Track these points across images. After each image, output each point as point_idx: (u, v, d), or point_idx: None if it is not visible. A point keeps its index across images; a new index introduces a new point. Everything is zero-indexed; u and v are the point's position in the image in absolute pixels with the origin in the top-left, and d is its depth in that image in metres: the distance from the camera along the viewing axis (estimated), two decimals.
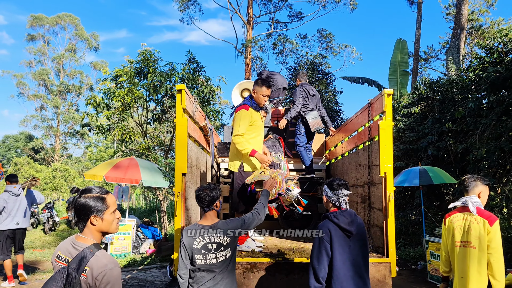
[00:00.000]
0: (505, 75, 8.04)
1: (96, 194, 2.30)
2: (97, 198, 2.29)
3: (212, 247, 3.15)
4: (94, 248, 2.22)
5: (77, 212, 2.28)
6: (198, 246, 3.14)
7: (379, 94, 4.52)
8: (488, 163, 8.86)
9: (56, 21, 40.39)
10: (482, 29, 23.29)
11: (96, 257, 2.18)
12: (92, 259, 2.16)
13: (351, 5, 25.62)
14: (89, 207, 2.26)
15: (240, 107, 4.66)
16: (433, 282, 7.81)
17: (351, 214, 3.27)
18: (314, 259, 3.17)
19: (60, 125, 39.39)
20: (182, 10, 26.98)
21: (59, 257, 2.26)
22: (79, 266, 2.13)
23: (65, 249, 2.27)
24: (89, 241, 2.25)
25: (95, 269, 2.13)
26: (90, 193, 2.30)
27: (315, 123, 6.70)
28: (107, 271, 2.14)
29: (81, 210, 2.26)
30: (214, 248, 3.15)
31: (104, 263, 2.17)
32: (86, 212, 2.26)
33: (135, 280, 8.05)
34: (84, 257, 2.16)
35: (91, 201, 2.27)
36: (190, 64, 11.59)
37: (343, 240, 3.16)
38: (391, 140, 4.24)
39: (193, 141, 5.01)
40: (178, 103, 4.37)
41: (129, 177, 9.33)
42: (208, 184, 3.37)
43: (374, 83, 19.16)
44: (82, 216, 2.27)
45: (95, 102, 10.88)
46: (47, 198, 20.82)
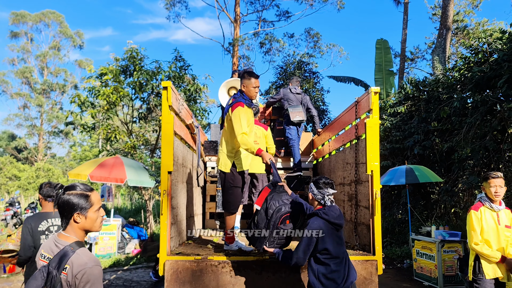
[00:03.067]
0: (489, 74, 8.13)
1: (80, 191, 2.25)
2: (81, 196, 2.24)
3: (53, 229, 4.02)
4: (76, 246, 2.17)
5: (60, 209, 2.22)
6: (43, 229, 3.99)
7: (366, 93, 4.52)
8: (473, 162, 8.95)
9: (40, 18, 39.75)
10: (467, 29, 23.59)
11: (77, 255, 2.14)
12: (72, 257, 2.11)
13: (338, 5, 25.69)
14: (73, 205, 2.21)
15: (236, 105, 4.39)
16: (419, 280, 7.86)
17: (337, 208, 3.46)
18: (301, 252, 3.37)
19: (44, 124, 38.78)
20: (169, 8, 26.77)
21: (42, 255, 2.22)
22: (60, 264, 2.09)
23: (48, 247, 2.22)
24: (71, 239, 2.21)
25: (75, 267, 2.09)
26: (74, 190, 2.24)
27: (296, 113, 6.94)
28: (87, 269, 2.10)
29: (65, 207, 2.21)
30: (55, 230, 3.97)
31: (85, 261, 2.12)
32: (69, 209, 2.21)
33: (120, 280, 7.94)
34: (64, 255, 2.11)
35: (75, 198, 2.22)
36: (177, 62, 11.50)
37: (334, 234, 3.37)
38: (377, 138, 4.24)
39: (179, 139, 4.95)
40: (164, 100, 4.31)
41: (114, 176, 9.21)
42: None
43: (360, 82, 19.26)
44: (65, 214, 2.22)
45: (80, 100, 10.71)
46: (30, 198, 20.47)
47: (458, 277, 7.11)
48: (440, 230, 7.58)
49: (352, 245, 4.80)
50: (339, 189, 5.67)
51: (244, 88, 4.51)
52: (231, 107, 4.40)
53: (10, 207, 14.36)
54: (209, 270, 4.06)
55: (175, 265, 4.06)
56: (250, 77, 4.47)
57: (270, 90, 19.51)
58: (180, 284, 4.03)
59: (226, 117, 4.49)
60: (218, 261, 4.07)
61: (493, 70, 8.07)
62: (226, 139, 4.54)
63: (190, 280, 4.03)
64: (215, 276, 4.05)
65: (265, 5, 26.09)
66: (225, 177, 4.53)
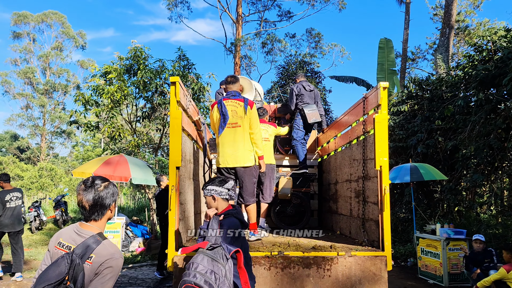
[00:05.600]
0: (494, 73, 8.12)
1: (111, 183, 2.34)
2: (113, 187, 2.33)
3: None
4: (100, 237, 2.23)
5: (98, 203, 2.25)
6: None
7: (374, 88, 4.52)
8: (476, 160, 8.95)
9: (42, 19, 39.75)
10: (469, 29, 23.59)
11: (103, 245, 2.19)
12: (99, 247, 2.17)
13: (339, 5, 25.67)
14: (111, 196, 2.31)
15: (252, 103, 4.81)
16: (424, 278, 7.86)
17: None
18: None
19: (46, 124, 38.81)
20: (171, 8, 26.76)
21: (60, 244, 2.24)
22: (85, 253, 2.13)
23: (68, 236, 2.26)
24: (95, 229, 2.27)
25: (102, 256, 2.15)
26: (105, 182, 2.31)
27: (312, 115, 6.78)
28: (114, 260, 2.17)
29: (104, 201, 2.27)
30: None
31: (111, 252, 2.20)
32: (109, 201, 2.29)
33: (125, 278, 7.95)
34: (90, 245, 2.16)
35: (111, 189, 2.31)
36: (180, 61, 11.51)
37: (243, 235, 3.37)
38: (386, 134, 4.23)
39: (187, 135, 4.95)
40: (172, 95, 4.31)
41: (118, 174, 9.20)
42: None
43: (362, 82, 19.26)
44: (104, 206, 2.28)
45: (84, 99, 10.72)
46: (33, 198, 20.50)
47: (464, 275, 7.11)
48: (445, 228, 7.58)
49: (360, 241, 4.80)
50: (346, 186, 5.67)
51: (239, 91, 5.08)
52: (250, 105, 4.71)
53: (32, 208, 14.35)
54: None
55: (183, 261, 4.07)
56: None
57: (272, 90, 19.54)
58: None
59: (244, 115, 4.72)
60: None
61: (498, 68, 8.07)
62: (245, 136, 4.75)
63: None
64: None
65: (267, 6, 26.09)
66: (249, 170, 4.78)
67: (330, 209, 6.62)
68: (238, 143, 4.71)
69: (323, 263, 4.07)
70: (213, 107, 4.89)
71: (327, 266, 4.07)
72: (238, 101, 4.78)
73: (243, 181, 4.81)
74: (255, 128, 4.78)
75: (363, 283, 4.04)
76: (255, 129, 4.78)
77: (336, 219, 6.24)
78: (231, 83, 4.93)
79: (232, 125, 4.73)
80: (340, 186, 5.99)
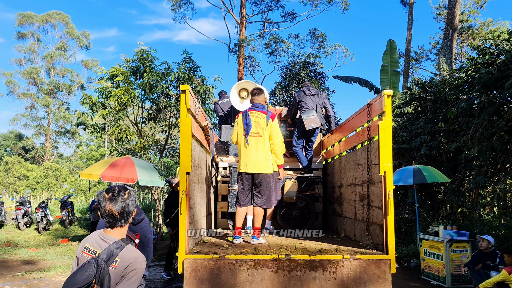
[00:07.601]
0: (497, 76, 8.21)
1: (131, 192, 2.49)
2: (134, 193, 2.51)
3: None
4: (124, 243, 2.38)
5: (124, 210, 2.41)
6: None
7: (378, 95, 4.63)
8: (479, 162, 9.04)
9: (46, 19, 40.00)
10: (472, 29, 23.63)
11: (127, 250, 2.34)
12: (123, 252, 2.31)
13: (343, 6, 25.78)
14: (135, 202, 2.49)
15: (274, 115, 5.29)
16: (427, 279, 7.96)
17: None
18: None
19: (51, 124, 39.06)
20: (175, 9, 26.93)
21: (86, 248, 2.39)
22: (110, 257, 2.27)
23: (94, 241, 2.41)
24: (118, 235, 2.41)
25: (126, 260, 2.29)
26: (127, 190, 2.47)
27: (310, 121, 6.74)
28: (138, 263, 2.32)
29: (130, 209, 2.44)
30: None
31: (135, 255, 2.34)
32: (132, 209, 2.46)
33: None
34: (114, 250, 2.31)
35: (134, 195, 2.49)
36: (186, 64, 11.62)
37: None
38: (390, 140, 4.35)
39: (195, 140, 5.08)
40: (183, 103, 4.43)
41: (125, 176, 9.32)
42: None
43: (366, 83, 19.34)
44: (129, 214, 2.45)
45: (91, 101, 10.86)
46: (40, 198, 20.68)
47: (467, 276, 7.21)
48: (448, 230, 7.68)
49: (364, 244, 4.92)
50: (350, 189, 5.79)
51: (264, 102, 5.48)
52: (271, 118, 5.21)
53: (21, 206, 14.54)
54: (226, 268, 4.18)
55: (194, 264, 4.19)
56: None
57: (275, 90, 19.63)
58: (199, 282, 4.16)
59: (265, 126, 5.19)
60: (235, 260, 4.20)
61: (501, 71, 8.15)
62: (266, 146, 5.24)
63: (208, 278, 4.16)
64: (233, 274, 4.17)
65: (270, 6, 26.23)
66: (270, 176, 5.29)
67: (335, 212, 6.74)
68: (259, 151, 5.17)
69: (329, 265, 4.19)
70: (238, 116, 5.36)
71: (333, 269, 4.18)
72: (262, 113, 5.27)
73: (260, 186, 5.21)
74: (276, 139, 5.28)
75: (367, 285, 4.16)
76: (275, 140, 5.28)
77: (340, 221, 6.36)
78: (256, 94, 5.41)
79: (254, 135, 5.21)
80: (345, 189, 6.11)
